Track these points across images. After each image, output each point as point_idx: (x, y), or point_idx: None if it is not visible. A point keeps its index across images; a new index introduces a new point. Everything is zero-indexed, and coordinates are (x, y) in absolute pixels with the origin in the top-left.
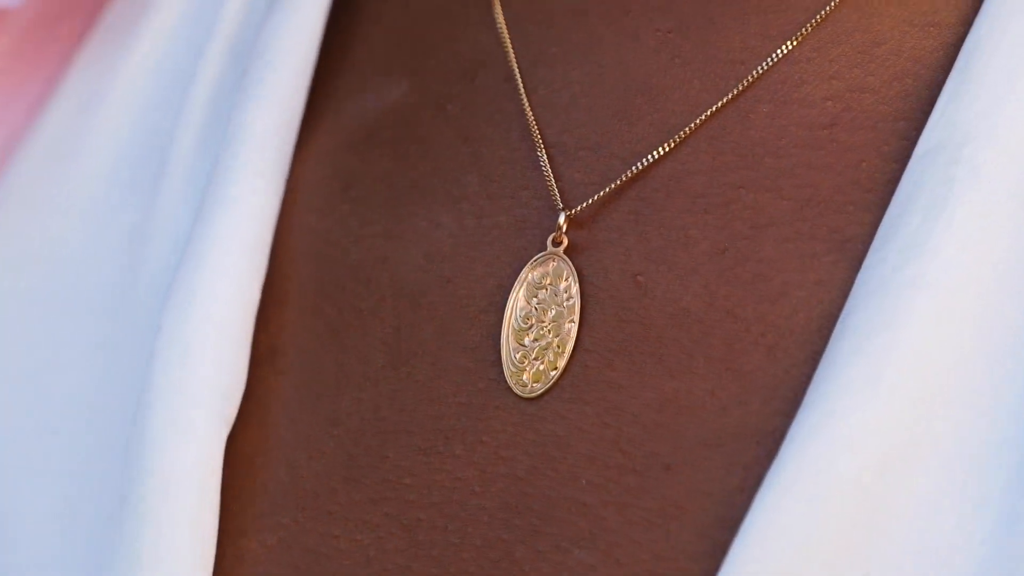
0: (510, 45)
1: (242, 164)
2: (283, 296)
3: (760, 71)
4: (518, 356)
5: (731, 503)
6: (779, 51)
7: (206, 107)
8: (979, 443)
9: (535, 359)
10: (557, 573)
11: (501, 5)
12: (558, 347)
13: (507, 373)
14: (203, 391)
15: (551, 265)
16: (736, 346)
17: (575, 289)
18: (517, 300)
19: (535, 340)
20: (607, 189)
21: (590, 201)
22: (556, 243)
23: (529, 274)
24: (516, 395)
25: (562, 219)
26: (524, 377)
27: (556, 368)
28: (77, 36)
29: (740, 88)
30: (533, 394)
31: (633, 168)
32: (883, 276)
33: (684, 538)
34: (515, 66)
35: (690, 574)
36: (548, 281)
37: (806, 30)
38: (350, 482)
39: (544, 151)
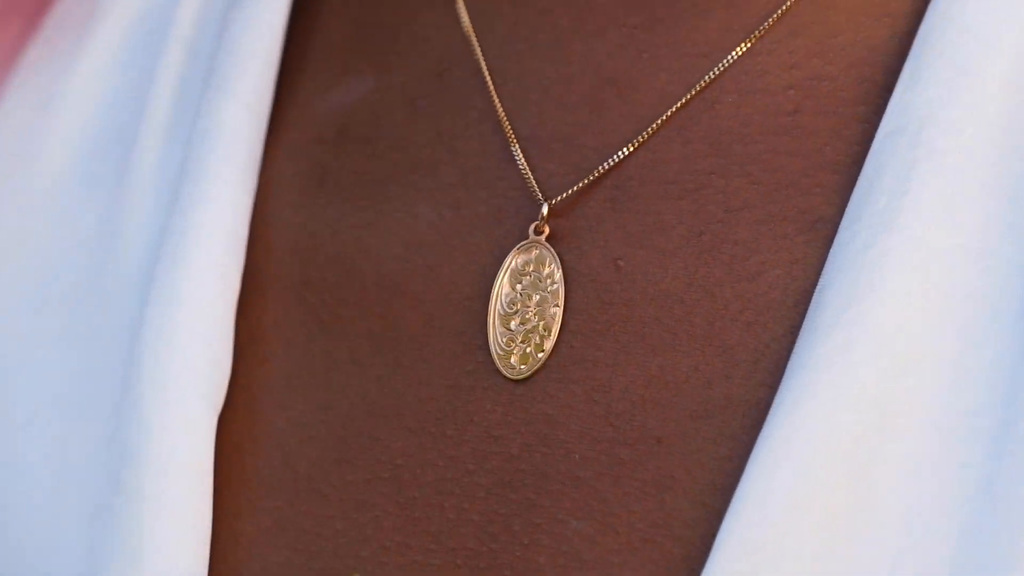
0: (476, 43)
1: (216, 159)
2: (262, 288)
3: (725, 64)
4: (505, 340)
5: (722, 471)
6: (742, 44)
7: (170, 104)
8: (953, 410)
9: (522, 342)
10: (556, 544)
11: (465, 4)
12: (544, 330)
13: (495, 356)
14: (193, 380)
15: (534, 253)
16: (716, 323)
17: (558, 275)
18: (502, 286)
19: (521, 324)
20: (586, 180)
21: (570, 191)
22: (538, 232)
23: (513, 261)
24: (504, 377)
25: (545, 209)
26: (512, 360)
27: (543, 350)
28: (20, 38)
29: (707, 80)
30: (521, 376)
31: (610, 160)
32: (854, 253)
33: (679, 506)
34: (482, 63)
35: (687, 540)
36: (531, 268)
37: (767, 24)
38: (343, 464)
39: (517, 144)
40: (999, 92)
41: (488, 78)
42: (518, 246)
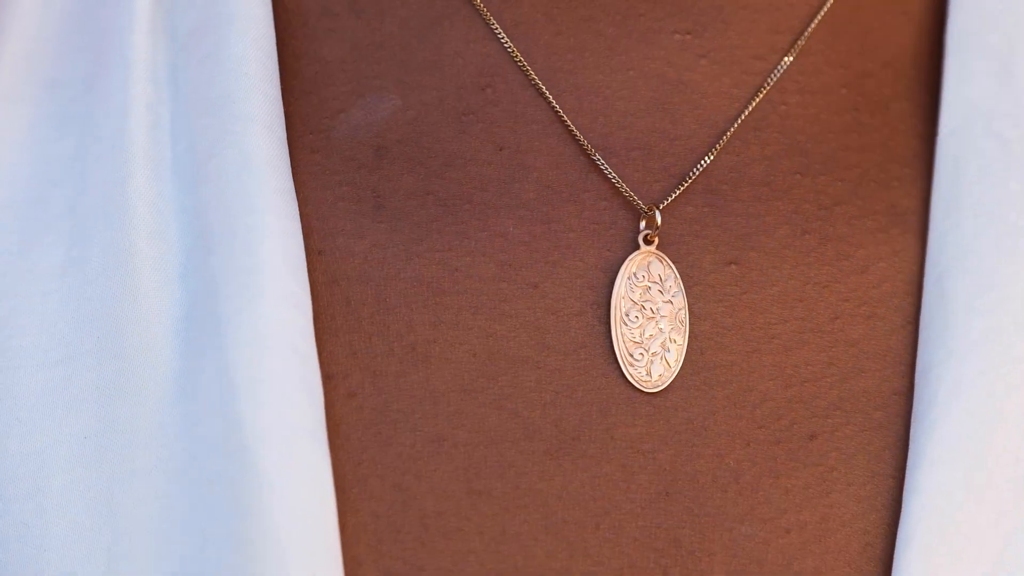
0: (519, 55)
1: (258, 188)
2: (331, 319)
3: (784, 65)
4: (635, 352)
5: (880, 461)
6: (795, 46)
7: (144, 130)
8: None
9: (652, 353)
10: (727, 551)
11: (494, 17)
12: (672, 339)
13: (624, 368)
14: (300, 421)
15: (646, 261)
16: (839, 319)
17: (678, 282)
18: (620, 298)
19: (647, 335)
20: (682, 186)
21: (671, 198)
22: (648, 241)
23: (627, 272)
24: (636, 389)
25: (659, 217)
26: (644, 372)
27: (675, 359)
28: None
29: (771, 82)
30: (657, 388)
31: (700, 165)
32: (965, 241)
33: (844, 501)
34: (532, 74)
35: (862, 532)
36: (647, 276)
37: (812, 26)
38: (476, 496)
39: (598, 155)
40: None
41: (544, 89)
42: (631, 256)
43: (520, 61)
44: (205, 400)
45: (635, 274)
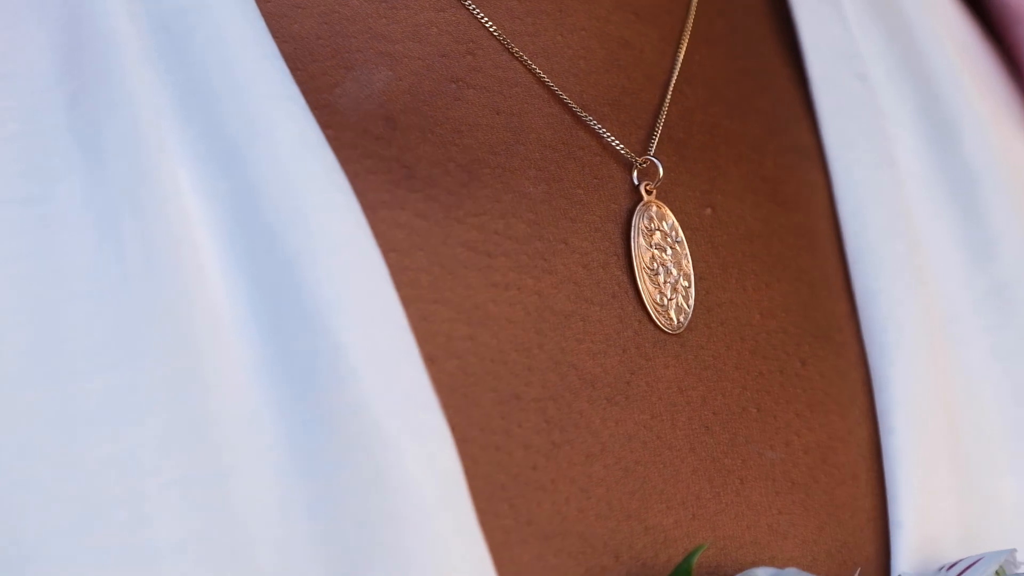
0: (489, 21)
1: (314, 169)
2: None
3: (691, 19)
4: (659, 297)
5: (849, 378)
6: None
7: (157, 129)
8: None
9: (669, 298)
10: (764, 475)
11: None
12: (684, 281)
13: (653, 314)
14: (414, 388)
15: (651, 210)
16: (790, 251)
17: (677, 228)
18: (639, 246)
19: (666, 279)
20: (655, 137)
21: (652, 150)
22: (648, 191)
23: (638, 222)
24: (665, 332)
25: (661, 169)
26: (671, 314)
27: (690, 300)
28: None
29: (687, 36)
30: (679, 329)
31: (660, 117)
32: (869, 176)
33: (837, 416)
34: (507, 40)
35: (857, 450)
36: (655, 225)
37: None
38: (557, 447)
39: (585, 112)
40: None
41: (519, 53)
42: (639, 207)
43: (491, 26)
44: (301, 381)
45: (646, 224)
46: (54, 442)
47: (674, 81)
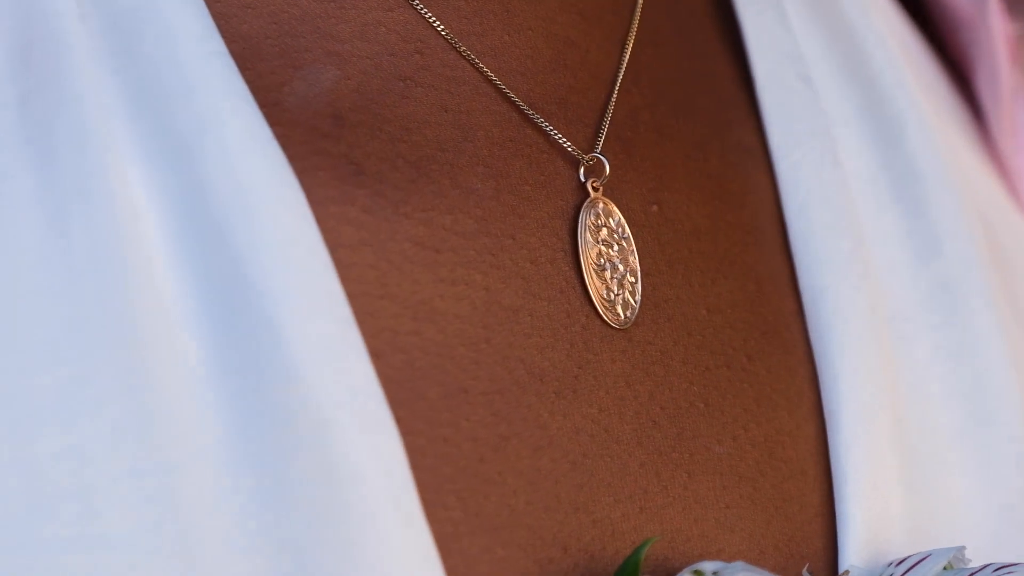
0: (437, 20)
1: (261, 165)
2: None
3: (637, 16)
4: (606, 292)
5: (797, 374)
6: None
7: (105, 125)
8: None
9: (617, 294)
10: (711, 469)
11: None
12: (631, 277)
13: (600, 310)
14: (360, 380)
15: (598, 207)
16: (736, 247)
17: (623, 224)
18: (587, 242)
19: (613, 277)
20: (601, 135)
21: (599, 147)
22: (595, 188)
23: (585, 218)
24: (612, 327)
25: (607, 166)
26: (618, 310)
27: (636, 295)
28: None
29: (632, 35)
30: (627, 324)
31: (607, 115)
32: (815, 175)
33: (785, 411)
34: (454, 39)
35: (803, 444)
36: (603, 221)
37: None
38: (505, 440)
39: (532, 110)
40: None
41: (467, 52)
42: (586, 203)
43: (439, 26)
44: (249, 375)
45: (592, 219)
46: (5, 436)
47: (620, 80)
